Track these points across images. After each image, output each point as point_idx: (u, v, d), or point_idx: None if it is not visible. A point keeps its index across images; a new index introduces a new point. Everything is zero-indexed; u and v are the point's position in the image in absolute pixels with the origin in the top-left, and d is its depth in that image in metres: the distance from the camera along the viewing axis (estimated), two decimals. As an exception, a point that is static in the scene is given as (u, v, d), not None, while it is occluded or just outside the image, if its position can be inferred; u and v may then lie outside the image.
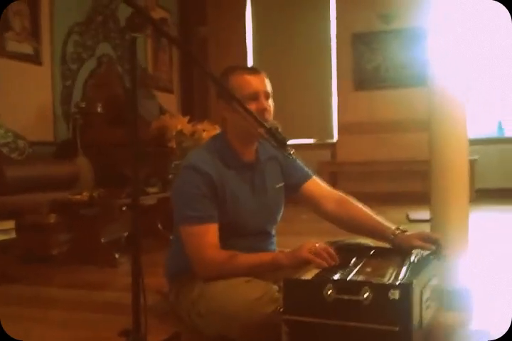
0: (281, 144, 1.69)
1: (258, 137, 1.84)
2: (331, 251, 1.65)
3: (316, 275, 1.55)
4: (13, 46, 4.55)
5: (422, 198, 2.41)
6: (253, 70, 1.89)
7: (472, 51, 6.74)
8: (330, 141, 7.60)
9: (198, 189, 1.79)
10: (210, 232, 1.79)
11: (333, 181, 7.35)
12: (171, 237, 2.10)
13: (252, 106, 1.78)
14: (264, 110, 1.82)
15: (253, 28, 7.84)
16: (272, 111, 1.87)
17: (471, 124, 6.98)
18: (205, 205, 1.80)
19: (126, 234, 3.63)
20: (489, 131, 7.03)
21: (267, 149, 1.98)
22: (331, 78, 7.57)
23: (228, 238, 1.82)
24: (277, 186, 2.00)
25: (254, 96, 1.82)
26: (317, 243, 1.67)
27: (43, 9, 4.91)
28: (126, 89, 5.44)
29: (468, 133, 2.35)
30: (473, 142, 6.24)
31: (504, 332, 1.62)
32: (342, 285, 1.43)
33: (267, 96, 1.86)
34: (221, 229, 1.81)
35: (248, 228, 1.90)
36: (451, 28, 2.26)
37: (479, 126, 6.97)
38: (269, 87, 1.88)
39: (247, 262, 1.74)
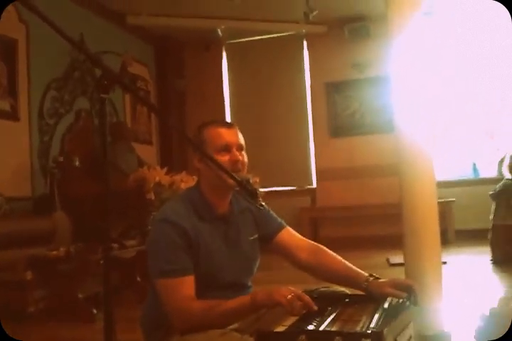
0: (253, 196, 1.73)
1: (231, 189, 1.87)
2: (307, 298, 1.65)
3: (291, 325, 1.55)
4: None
5: (401, 241, 2.45)
6: (226, 124, 1.94)
7: (446, 93, 6.93)
8: (309, 187, 7.66)
9: (172, 241, 1.80)
10: (186, 284, 1.79)
11: (314, 226, 7.38)
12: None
13: (225, 158, 1.83)
14: (236, 161, 1.85)
15: (229, 79, 8.02)
16: (245, 163, 1.91)
17: (446, 167, 7.03)
18: (180, 258, 1.80)
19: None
20: (464, 173, 7.16)
21: (240, 201, 2.00)
22: (307, 126, 7.72)
23: (203, 290, 1.81)
24: (251, 238, 2.01)
25: (227, 148, 1.86)
26: (293, 291, 1.67)
27: (20, 66, 5.00)
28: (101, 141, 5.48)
29: (443, 175, 2.40)
30: (449, 184, 6.43)
31: (504, 333, 1.61)
32: (314, 336, 1.44)
33: (239, 148, 1.90)
34: (196, 282, 1.81)
35: (223, 280, 1.90)
36: (413, 75, 2.34)
37: (454, 169, 7.10)
38: (241, 140, 1.92)
39: (225, 308, 1.73)
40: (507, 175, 5.12)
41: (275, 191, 7.31)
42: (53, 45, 5.22)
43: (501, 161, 5.32)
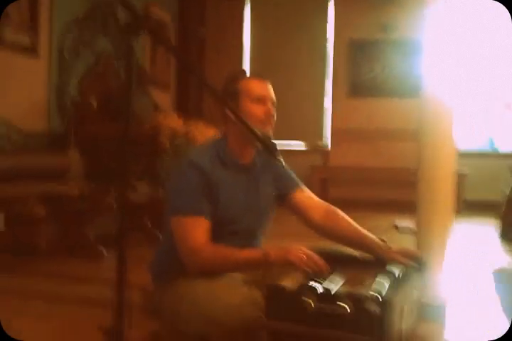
0: (272, 152, 1.73)
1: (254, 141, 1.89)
2: (323, 262, 1.68)
3: (300, 283, 1.56)
4: (10, 38, 4.54)
5: (410, 207, 2.46)
6: (262, 78, 2.00)
7: (467, 65, 6.79)
8: (322, 146, 7.62)
9: (194, 184, 1.84)
10: (202, 227, 1.82)
11: (324, 186, 7.39)
12: (160, 237, 2.12)
13: (260, 109, 1.90)
14: (270, 115, 1.92)
15: (251, 30, 7.86)
16: (275, 119, 1.95)
17: (462, 139, 6.99)
18: (200, 200, 1.84)
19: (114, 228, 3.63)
20: (480, 146, 7.09)
21: (263, 157, 2.02)
22: (325, 84, 7.59)
23: (216, 236, 1.84)
24: (269, 192, 2.04)
25: (263, 100, 1.92)
26: (307, 253, 1.69)
27: (43, 2, 4.90)
28: (121, 85, 5.43)
29: (459, 146, 2.38)
30: (463, 155, 6.35)
31: (504, 332, 1.64)
32: (323, 296, 1.45)
33: (273, 103, 1.96)
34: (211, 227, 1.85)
35: (237, 228, 1.93)
36: (447, 42, 2.29)
37: (471, 141, 7.03)
38: (274, 96, 1.98)
39: (237, 258, 1.78)
40: None
41: (287, 149, 7.27)
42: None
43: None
